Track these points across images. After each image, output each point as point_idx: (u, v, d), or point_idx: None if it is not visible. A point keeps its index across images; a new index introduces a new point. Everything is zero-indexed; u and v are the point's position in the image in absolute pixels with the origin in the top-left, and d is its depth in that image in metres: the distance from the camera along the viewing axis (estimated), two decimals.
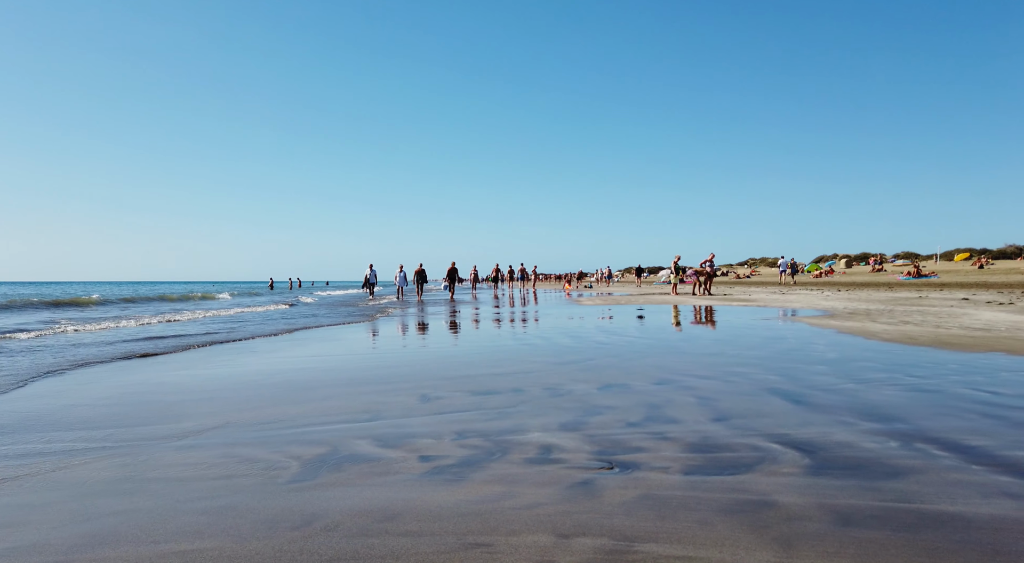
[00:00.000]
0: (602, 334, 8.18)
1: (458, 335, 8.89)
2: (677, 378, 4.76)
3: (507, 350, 6.76)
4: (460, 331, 9.52)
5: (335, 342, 8.30)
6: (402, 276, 25.33)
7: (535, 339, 7.81)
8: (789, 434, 3.07)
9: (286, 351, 7.21)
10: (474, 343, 7.61)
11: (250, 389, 4.70)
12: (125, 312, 17.04)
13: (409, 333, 9.54)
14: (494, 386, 4.59)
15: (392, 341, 8.32)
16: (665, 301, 17.79)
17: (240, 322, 12.55)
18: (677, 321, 10.45)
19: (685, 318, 11.12)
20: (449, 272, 29.67)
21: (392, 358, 6.36)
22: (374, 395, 4.35)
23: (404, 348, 7.35)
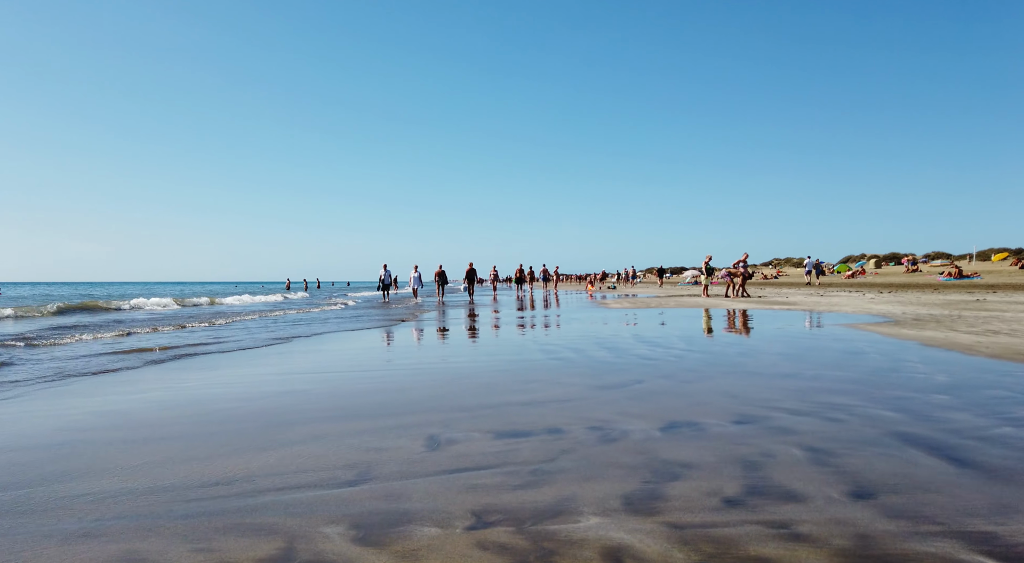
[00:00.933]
0: (643, 345, 7.05)
1: (479, 345, 7.83)
2: (760, 412, 3.63)
3: (535, 366, 5.69)
4: (481, 340, 8.47)
5: (337, 353, 7.31)
6: (417, 277, 24.26)
7: (566, 351, 6.72)
8: (995, 535, 1.95)
9: (281, 364, 6.23)
10: (497, 356, 6.55)
11: (213, 422, 3.69)
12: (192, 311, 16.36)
13: (425, 342, 8.52)
14: (524, 422, 3.52)
15: (403, 352, 7.31)
16: (699, 304, 16.54)
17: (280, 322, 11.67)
18: (723, 329, 9.27)
19: (730, 325, 9.92)
20: (467, 273, 28.77)
21: (400, 377, 5.32)
22: (368, 435, 3.31)
23: (416, 362, 6.32)
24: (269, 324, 12.45)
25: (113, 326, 11.73)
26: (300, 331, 10.48)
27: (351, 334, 9.79)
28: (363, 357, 6.83)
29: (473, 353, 6.92)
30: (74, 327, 11.58)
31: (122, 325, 12.02)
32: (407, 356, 6.85)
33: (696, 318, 11.57)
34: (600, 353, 6.48)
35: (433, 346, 7.90)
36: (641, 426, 3.38)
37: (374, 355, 7.01)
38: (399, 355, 6.97)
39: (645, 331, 8.91)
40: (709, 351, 6.50)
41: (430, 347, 7.80)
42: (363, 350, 7.57)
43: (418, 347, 7.86)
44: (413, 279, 24.32)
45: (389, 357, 6.82)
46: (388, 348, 7.82)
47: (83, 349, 7.79)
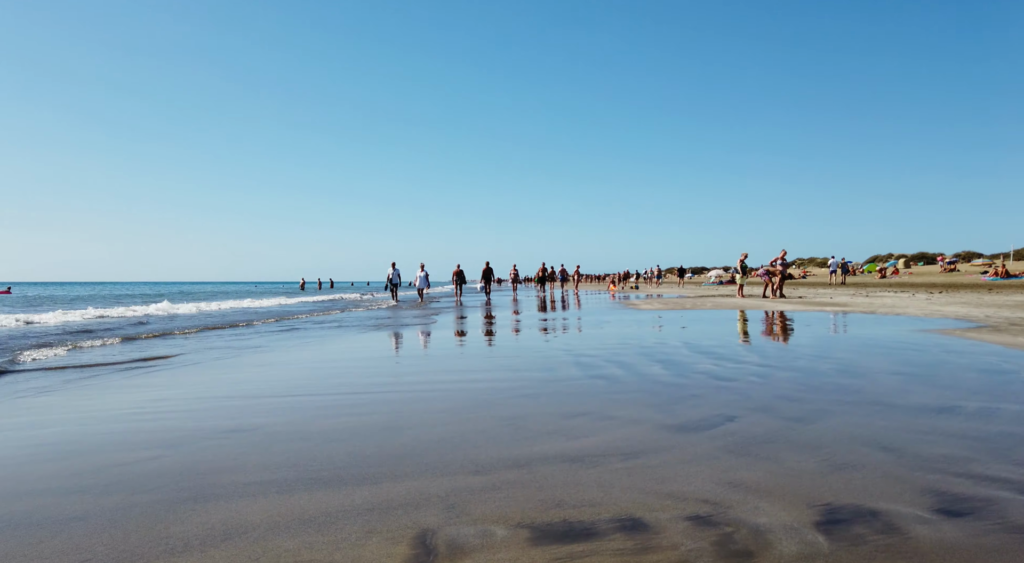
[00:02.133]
0: (706, 358, 5.59)
1: (499, 356, 6.45)
2: (967, 489, 2.19)
3: (575, 389, 4.27)
4: (502, 348, 7.08)
5: (320, 366, 5.97)
6: (423, 276, 22.76)
7: (610, 365, 5.29)
8: None
9: (257, 375, 4.91)
10: (523, 373, 5.14)
11: (95, 491, 2.34)
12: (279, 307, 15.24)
13: (434, 351, 7.16)
14: (577, 503, 2.12)
15: (406, 366, 5.94)
16: (738, 305, 14.96)
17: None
18: (787, 335, 7.76)
19: (793, 331, 8.40)
20: (484, 272, 27.49)
21: (394, 405, 3.94)
22: (316, 530, 1.93)
23: (419, 381, 4.93)
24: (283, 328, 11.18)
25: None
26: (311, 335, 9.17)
27: (349, 339, 8.48)
28: (355, 371, 5.47)
29: (492, 367, 5.53)
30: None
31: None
32: (409, 371, 5.47)
33: (746, 321, 10.05)
34: (654, 369, 5.04)
35: (443, 356, 6.52)
36: (780, 518, 1.96)
37: (369, 368, 5.65)
38: (400, 369, 5.60)
39: (696, 338, 7.44)
40: (794, 367, 5.03)
41: (439, 358, 6.43)
42: (357, 361, 6.22)
43: (424, 357, 6.50)
44: (419, 279, 22.81)
45: (387, 372, 5.45)
46: (388, 358, 6.47)
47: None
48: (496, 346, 7.20)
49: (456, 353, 6.67)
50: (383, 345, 7.74)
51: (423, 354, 6.75)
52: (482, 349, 6.94)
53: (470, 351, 6.80)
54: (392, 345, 7.73)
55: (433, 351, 7.01)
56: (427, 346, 7.56)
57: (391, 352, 7.00)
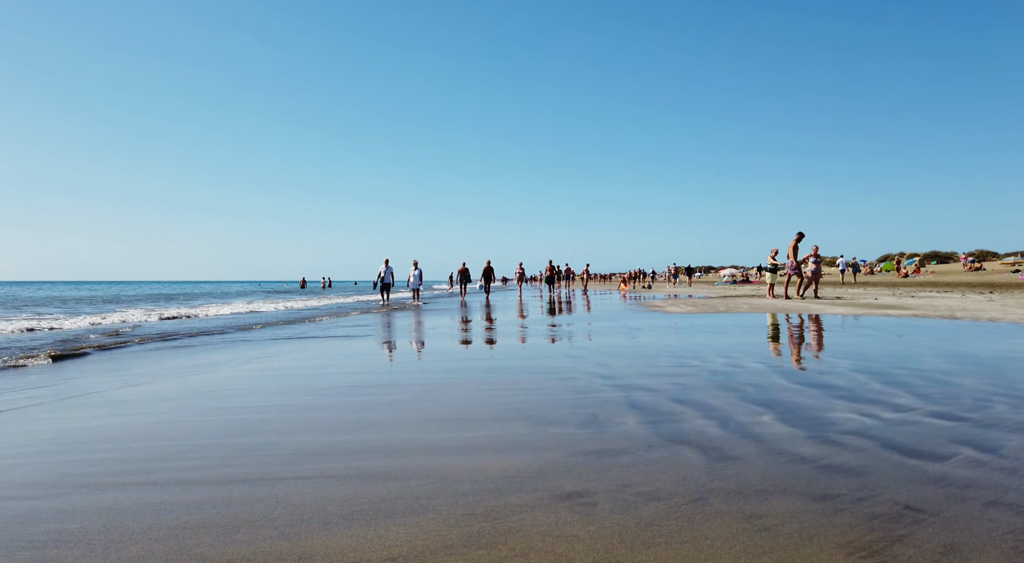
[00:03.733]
0: (828, 397, 3.60)
1: (510, 386, 4.50)
2: None
3: (651, 476, 2.32)
4: (514, 374, 5.14)
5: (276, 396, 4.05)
6: (417, 274, 20.51)
7: (688, 412, 3.32)
8: None
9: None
10: (551, 433, 3.18)
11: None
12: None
13: (413, 379, 5.23)
14: None
15: (372, 412, 4.00)
16: (780, 308, 12.95)
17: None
18: (895, 351, 5.79)
19: (904, 347, 6.43)
20: (484, 271, 25.86)
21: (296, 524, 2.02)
22: None
23: (378, 452, 3.00)
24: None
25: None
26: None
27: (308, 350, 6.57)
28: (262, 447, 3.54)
29: (497, 409, 3.57)
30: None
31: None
32: (373, 419, 3.55)
33: (820, 332, 8.09)
34: (763, 421, 3.07)
35: (429, 388, 4.58)
36: None
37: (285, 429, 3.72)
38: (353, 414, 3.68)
39: (772, 355, 5.49)
40: (1002, 420, 3.07)
41: (421, 389, 4.49)
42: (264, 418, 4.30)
43: (395, 388, 4.57)
44: (413, 277, 20.57)
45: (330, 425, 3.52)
46: (347, 390, 4.54)
47: None
48: (505, 367, 5.26)
49: (449, 380, 4.73)
50: (352, 363, 5.81)
51: (406, 379, 4.83)
52: (485, 373, 5.01)
53: (469, 376, 4.87)
54: (368, 364, 5.81)
55: (415, 376, 5.08)
56: (409, 369, 5.65)
57: (355, 383, 5.08)
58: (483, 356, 6.05)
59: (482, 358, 5.90)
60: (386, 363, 5.88)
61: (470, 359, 5.86)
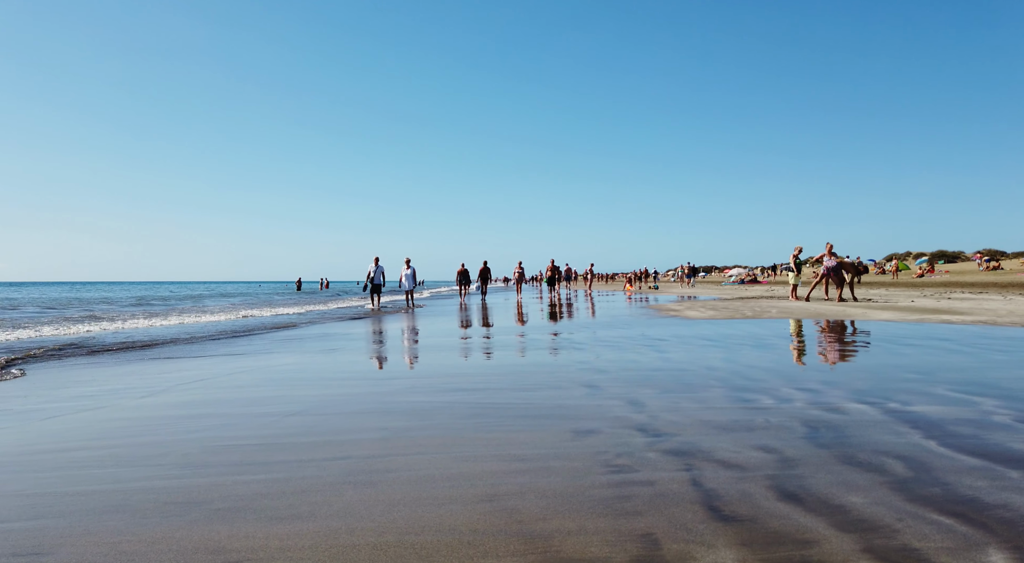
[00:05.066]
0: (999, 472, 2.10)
1: (505, 452, 2.94)
2: None
3: None
4: (513, 427, 3.58)
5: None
6: (409, 274, 18.27)
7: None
8: None
9: None
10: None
11: None
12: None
13: (356, 430, 3.66)
14: None
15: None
16: (816, 312, 11.36)
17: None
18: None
19: (1017, 366, 4.86)
20: (481, 272, 24.43)
21: None
22: None
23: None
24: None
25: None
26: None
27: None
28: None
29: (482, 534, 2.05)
30: None
31: None
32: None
33: (888, 346, 6.52)
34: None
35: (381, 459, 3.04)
36: None
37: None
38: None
39: (876, 392, 3.92)
40: None
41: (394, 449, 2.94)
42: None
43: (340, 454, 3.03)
44: (405, 278, 18.32)
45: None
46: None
47: None
48: (493, 407, 3.69)
49: (401, 436, 3.16)
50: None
51: (321, 430, 3.28)
52: (465, 419, 3.44)
53: (436, 427, 3.31)
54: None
55: (349, 425, 3.52)
56: (346, 407, 4.08)
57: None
58: (466, 387, 4.48)
59: (464, 389, 4.34)
60: (321, 395, 4.32)
61: (446, 391, 4.30)
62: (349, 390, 4.42)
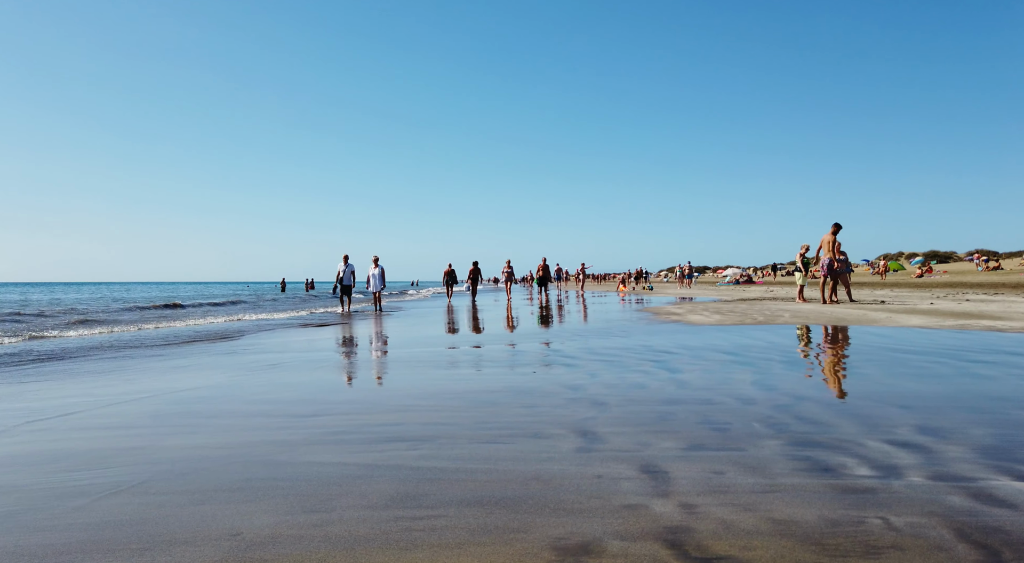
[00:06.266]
0: None
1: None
2: None
3: None
4: (462, 527, 2.28)
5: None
6: (377, 274, 16.32)
7: None
8: None
9: None
10: None
11: None
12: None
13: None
14: None
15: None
16: (831, 317, 10.15)
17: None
18: None
19: None
20: (471, 272, 23.63)
21: None
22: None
23: None
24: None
25: None
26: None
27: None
28: None
29: None
30: None
31: None
32: None
33: (951, 363, 5.29)
34: None
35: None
36: None
37: None
38: None
39: (940, 419, 2.68)
40: None
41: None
42: None
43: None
44: (373, 278, 16.33)
45: None
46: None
47: None
48: (442, 475, 2.42)
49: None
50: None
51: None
52: (383, 509, 2.17)
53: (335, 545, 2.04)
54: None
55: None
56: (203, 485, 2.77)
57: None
58: (410, 432, 3.18)
59: (405, 438, 3.04)
60: (193, 449, 3.01)
61: (378, 442, 3.00)
62: (241, 438, 3.10)
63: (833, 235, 13.85)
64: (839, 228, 13.80)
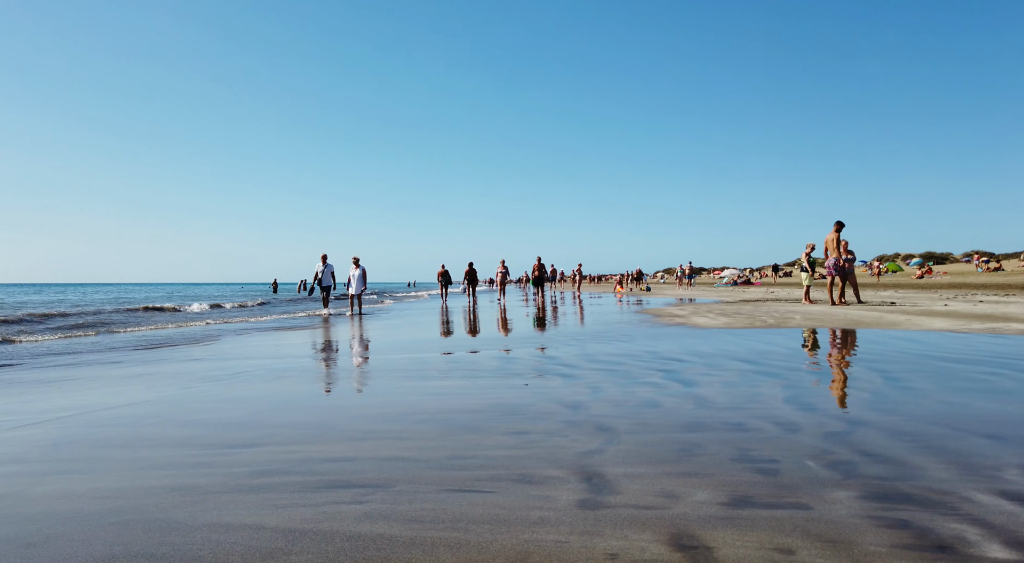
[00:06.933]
0: None
1: None
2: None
3: None
4: None
5: None
6: (359, 275, 15.43)
7: None
8: None
9: None
10: None
11: None
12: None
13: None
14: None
15: None
16: (853, 320, 9.47)
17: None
18: None
19: None
20: (467, 274, 23.30)
21: None
22: None
23: None
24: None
25: None
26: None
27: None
28: None
29: None
30: None
31: None
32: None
33: (1000, 376, 4.59)
34: None
35: None
36: None
37: None
38: None
39: None
40: None
41: None
42: None
43: None
44: (354, 279, 15.42)
45: None
46: None
47: None
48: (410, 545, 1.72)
49: None
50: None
51: None
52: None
53: None
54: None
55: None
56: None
57: None
58: (358, 476, 2.46)
59: (351, 483, 2.32)
60: (29, 518, 2.29)
61: (315, 489, 2.28)
62: (140, 482, 2.36)
63: (837, 233, 13.21)
64: (842, 226, 13.16)
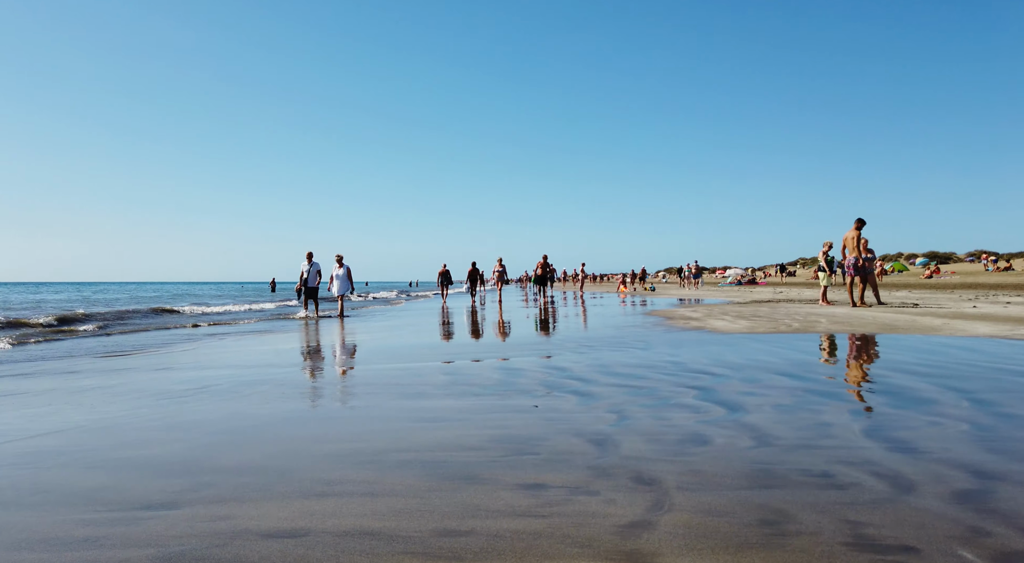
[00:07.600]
0: None
1: None
2: None
3: None
4: None
5: None
6: (342, 274, 14.50)
7: None
8: None
9: None
10: None
11: None
12: None
13: None
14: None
15: None
16: (885, 324, 8.70)
17: None
18: None
19: None
20: (469, 273, 23.30)
21: None
22: None
23: None
24: None
25: None
26: None
27: None
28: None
29: None
30: None
31: None
32: None
33: None
34: None
35: None
36: None
37: None
38: None
39: None
40: None
41: None
42: None
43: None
44: (337, 280, 14.48)
45: None
46: None
47: None
48: None
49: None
50: None
51: None
52: None
53: None
54: None
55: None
56: None
57: None
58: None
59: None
60: None
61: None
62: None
63: (857, 231, 12.42)
64: (863, 224, 12.37)
